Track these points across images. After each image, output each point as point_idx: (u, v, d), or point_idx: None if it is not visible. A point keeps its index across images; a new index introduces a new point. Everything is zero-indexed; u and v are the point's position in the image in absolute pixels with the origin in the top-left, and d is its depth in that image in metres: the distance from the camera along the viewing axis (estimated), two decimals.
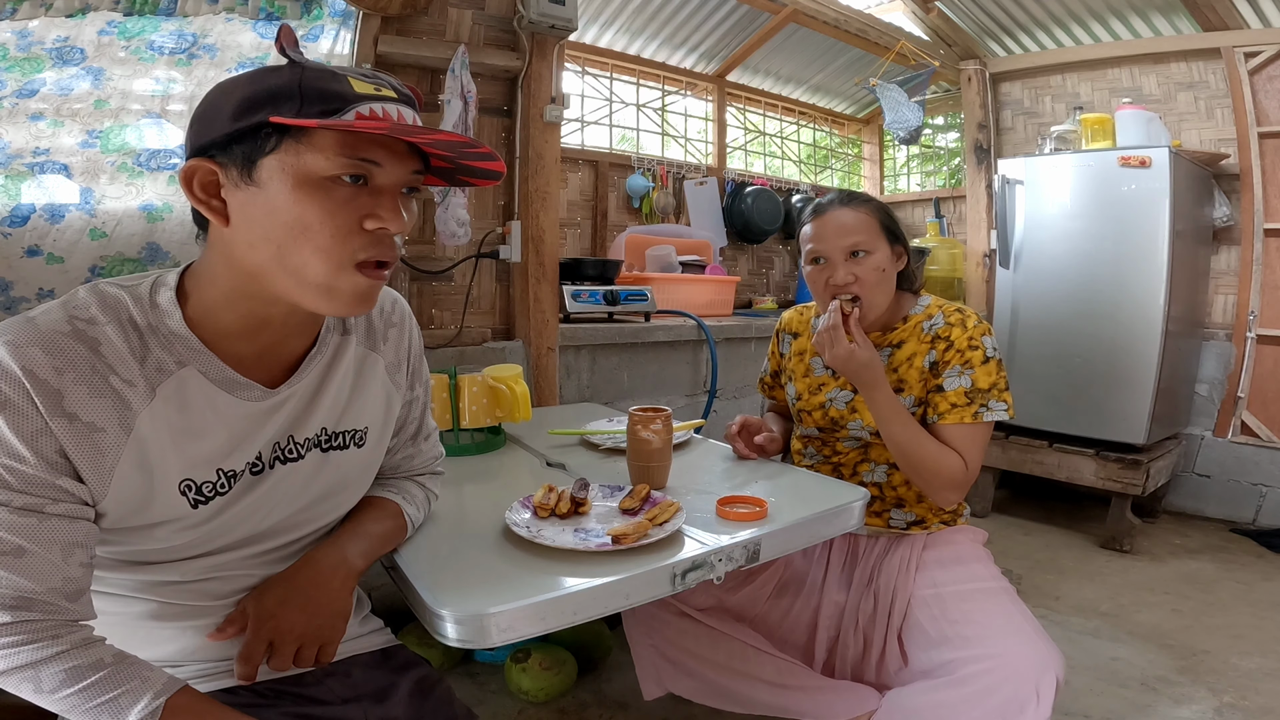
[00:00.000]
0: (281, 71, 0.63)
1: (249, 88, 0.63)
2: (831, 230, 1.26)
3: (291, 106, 0.61)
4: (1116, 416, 2.71)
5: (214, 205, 0.65)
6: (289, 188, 0.62)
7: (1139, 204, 2.63)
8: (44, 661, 0.59)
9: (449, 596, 0.77)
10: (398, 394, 0.89)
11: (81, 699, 0.59)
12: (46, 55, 1.51)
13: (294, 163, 0.62)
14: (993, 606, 1.14)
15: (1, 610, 0.58)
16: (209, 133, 0.63)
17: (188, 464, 0.68)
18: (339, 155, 0.63)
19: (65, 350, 0.61)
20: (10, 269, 1.49)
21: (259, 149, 0.62)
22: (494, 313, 2.19)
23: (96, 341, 0.63)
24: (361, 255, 0.66)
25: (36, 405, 0.59)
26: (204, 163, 0.64)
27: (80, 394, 0.61)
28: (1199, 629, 2.03)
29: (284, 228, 0.63)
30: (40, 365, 0.59)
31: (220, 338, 0.69)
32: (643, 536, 0.90)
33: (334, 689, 0.82)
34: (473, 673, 1.74)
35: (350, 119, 0.62)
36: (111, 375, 0.63)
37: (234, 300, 0.68)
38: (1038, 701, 0.99)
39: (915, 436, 1.20)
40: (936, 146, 4.23)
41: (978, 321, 1.26)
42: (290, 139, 0.62)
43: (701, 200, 3.26)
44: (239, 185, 0.63)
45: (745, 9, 3.07)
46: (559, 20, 1.97)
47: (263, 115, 0.61)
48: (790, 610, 1.33)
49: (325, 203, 0.63)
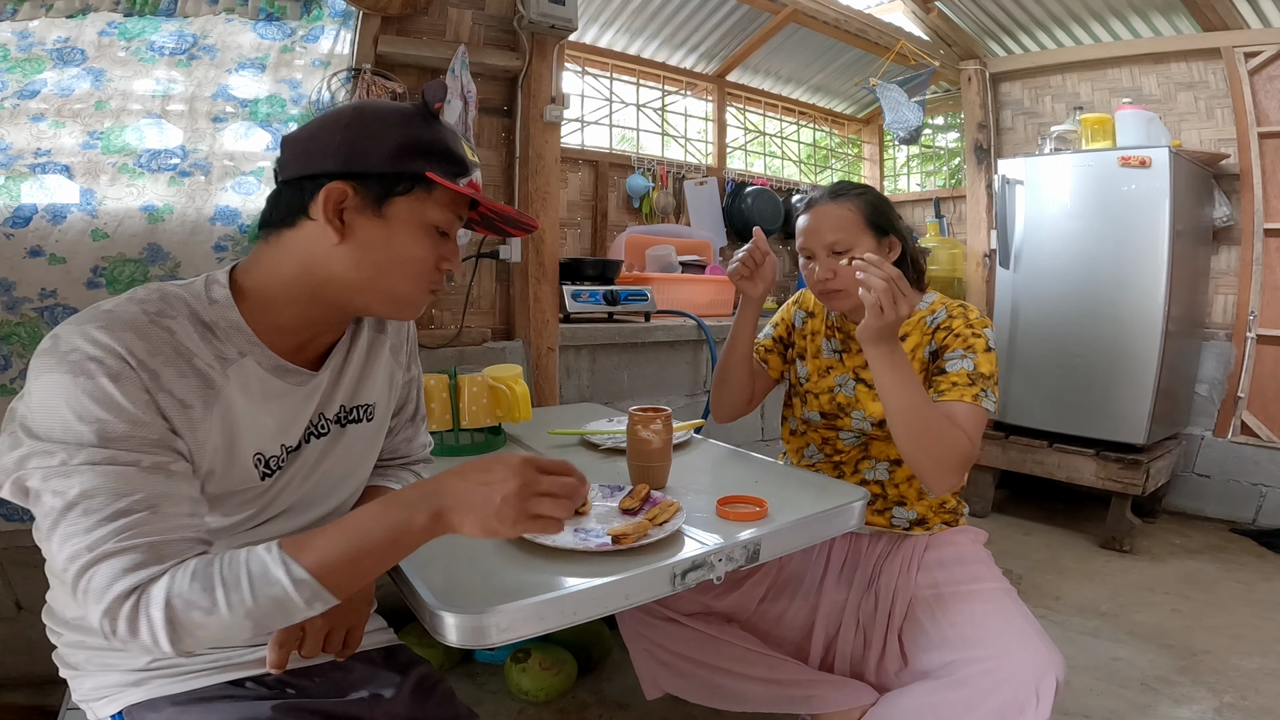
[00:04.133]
0: (430, 125, 0.74)
1: (403, 132, 0.72)
2: (815, 226, 1.27)
3: (439, 164, 0.73)
4: (1116, 416, 2.71)
5: (335, 223, 0.71)
6: (409, 229, 0.73)
7: (1139, 204, 2.63)
8: (205, 586, 0.60)
9: (449, 596, 0.78)
10: (399, 373, 0.94)
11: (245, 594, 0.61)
12: (47, 56, 1.51)
13: (420, 210, 0.73)
14: (993, 608, 1.14)
15: (153, 563, 0.60)
16: (364, 162, 0.71)
17: (258, 440, 0.74)
18: (449, 211, 0.76)
19: (151, 335, 0.65)
20: (13, 269, 1.50)
21: (394, 189, 0.72)
22: (494, 313, 2.19)
23: (172, 330, 0.67)
24: (433, 286, 0.78)
25: (143, 381, 0.63)
26: (344, 185, 0.71)
27: (170, 375, 0.66)
28: (1199, 629, 2.03)
29: (393, 257, 0.73)
30: (137, 347, 0.64)
31: (271, 331, 0.75)
32: (643, 536, 0.90)
33: (339, 684, 0.83)
34: (473, 673, 1.75)
35: (467, 184, 0.75)
36: (194, 358, 0.68)
37: (296, 299, 0.74)
38: (1037, 703, 0.99)
39: (925, 401, 1.10)
40: (936, 146, 4.23)
41: (980, 315, 1.26)
42: (421, 188, 0.73)
43: (701, 200, 3.26)
44: (364, 212, 0.72)
45: (745, 9, 3.07)
46: (559, 20, 1.97)
47: (420, 166, 0.72)
48: (785, 613, 1.33)
49: (428, 245, 0.75)
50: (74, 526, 0.59)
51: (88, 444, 0.60)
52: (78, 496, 0.59)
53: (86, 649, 0.78)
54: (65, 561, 0.60)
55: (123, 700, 0.76)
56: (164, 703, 0.75)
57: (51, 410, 0.60)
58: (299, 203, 0.71)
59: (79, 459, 0.60)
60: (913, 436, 1.11)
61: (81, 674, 0.78)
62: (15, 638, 1.55)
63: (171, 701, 0.75)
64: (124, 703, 0.76)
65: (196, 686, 0.77)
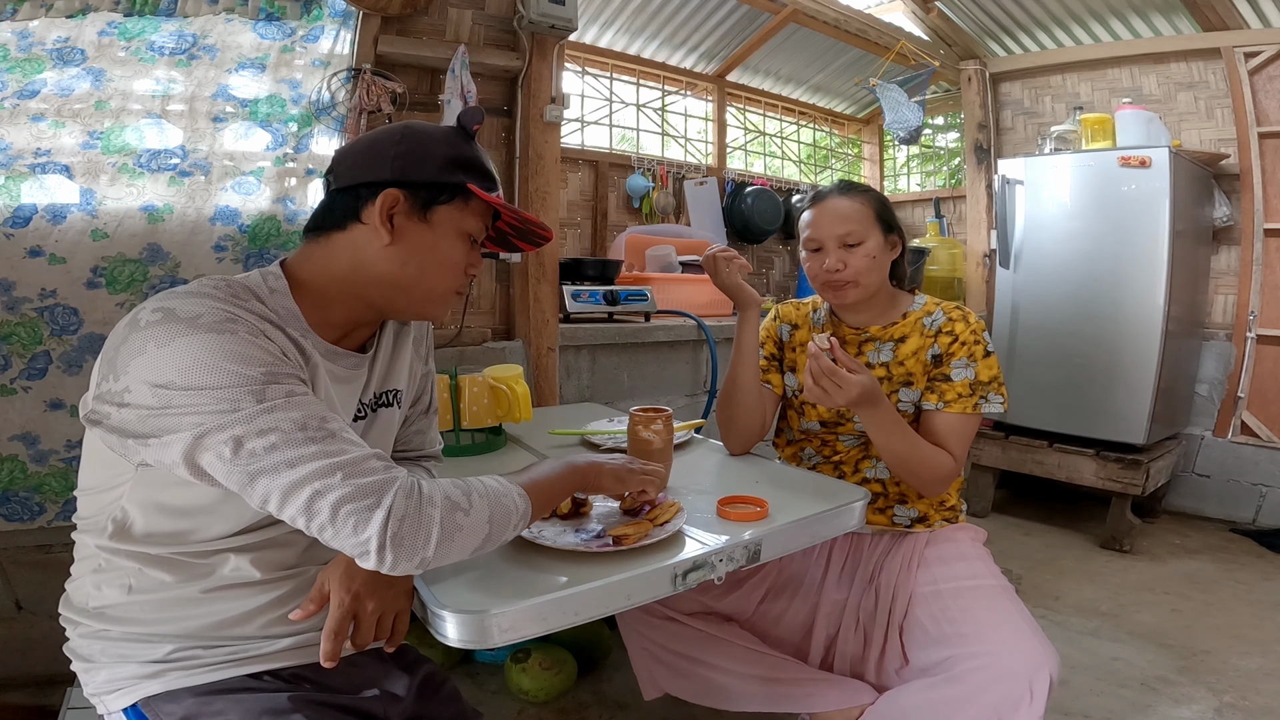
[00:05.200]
0: (470, 144, 0.84)
1: (450, 149, 0.82)
2: (827, 218, 1.27)
3: (478, 178, 0.82)
4: (1116, 416, 2.71)
5: (387, 226, 0.79)
6: (449, 234, 0.82)
7: (1139, 204, 2.63)
8: (463, 491, 0.71)
9: (450, 596, 0.78)
10: (420, 364, 1.01)
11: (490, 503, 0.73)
12: (47, 56, 1.51)
13: (459, 218, 0.82)
14: (989, 604, 1.14)
15: (393, 468, 0.68)
16: (417, 172, 0.80)
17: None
18: (480, 221, 0.85)
19: (236, 312, 0.69)
20: (13, 269, 1.49)
21: (439, 198, 0.81)
22: (494, 313, 2.19)
23: (248, 311, 0.71)
24: (460, 288, 0.87)
25: (270, 337, 0.70)
26: (398, 192, 0.79)
27: (264, 341, 0.70)
28: (1199, 629, 2.03)
29: (434, 259, 0.82)
30: (238, 311, 0.69)
31: (318, 324, 0.81)
32: (644, 537, 0.90)
33: (353, 680, 0.85)
34: (473, 673, 1.75)
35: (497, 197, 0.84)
36: (274, 332, 0.73)
37: (343, 295, 0.82)
38: (1031, 699, 0.99)
39: (912, 443, 1.21)
40: (936, 146, 4.23)
41: (976, 318, 1.29)
42: (461, 198, 0.82)
43: (701, 200, 3.26)
44: (411, 217, 0.80)
45: (745, 9, 3.07)
46: (559, 20, 1.97)
47: (463, 179, 0.81)
48: (785, 613, 1.33)
49: (463, 250, 0.84)
50: (303, 453, 0.64)
51: (269, 381, 0.65)
52: (291, 426, 0.64)
53: (105, 639, 0.78)
54: (315, 480, 0.63)
55: (139, 692, 0.76)
56: (184, 694, 0.76)
57: (210, 365, 0.64)
58: (353, 207, 0.79)
59: (272, 395, 0.65)
60: (903, 467, 1.22)
61: (95, 666, 0.78)
62: (15, 638, 1.55)
63: (192, 693, 0.76)
64: (140, 694, 0.76)
65: (216, 679, 0.77)
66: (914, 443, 1.21)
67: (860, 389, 1.11)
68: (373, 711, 0.82)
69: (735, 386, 1.34)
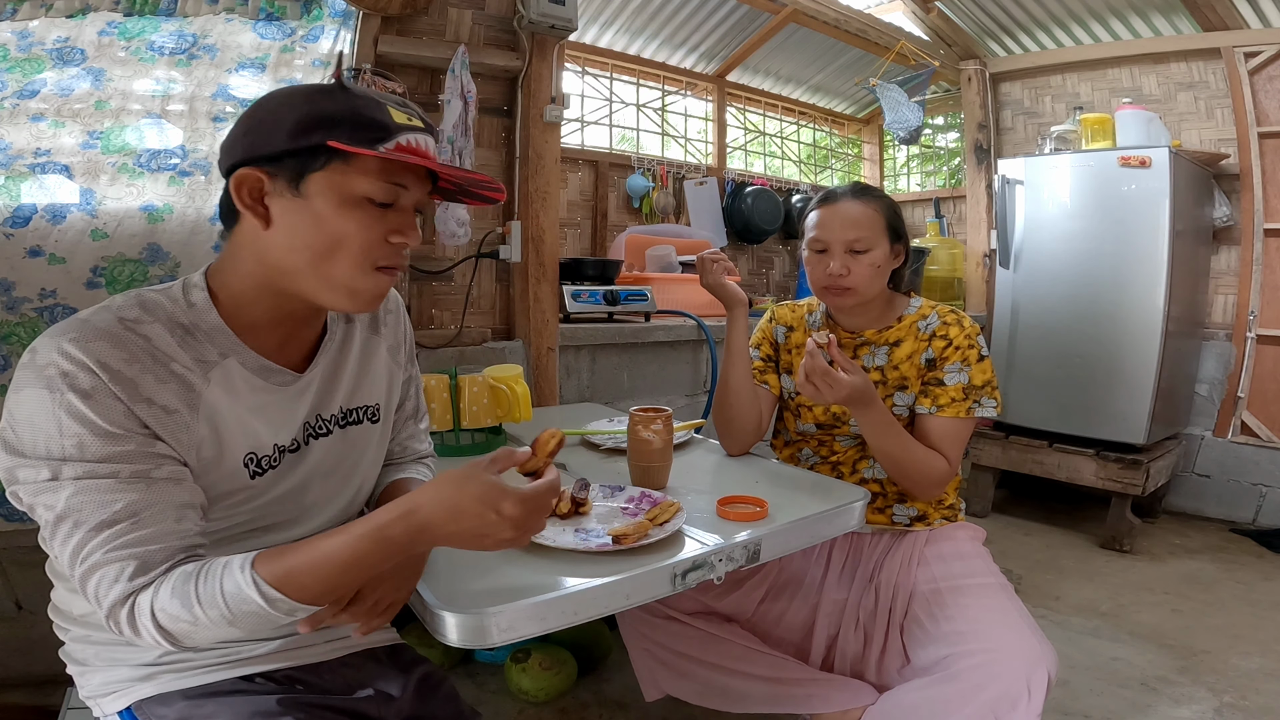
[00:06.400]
0: (335, 96, 0.70)
1: (305, 108, 0.69)
2: (837, 221, 1.26)
3: (344, 132, 0.68)
4: (1116, 416, 2.71)
5: (259, 210, 0.70)
6: (333, 204, 0.69)
7: (1139, 204, 2.63)
8: (183, 602, 0.62)
9: (449, 596, 0.78)
10: (399, 372, 0.95)
11: (213, 606, 0.62)
12: (47, 56, 1.51)
13: (340, 182, 0.69)
14: (987, 602, 1.14)
15: (139, 574, 0.62)
16: (265, 145, 0.69)
17: (249, 440, 0.74)
18: (379, 180, 0.70)
19: (128, 343, 0.65)
20: (12, 270, 1.49)
21: (309, 166, 0.69)
22: (494, 313, 2.19)
23: (148, 337, 0.67)
24: (382, 262, 0.74)
25: (117, 394, 0.63)
26: (254, 171, 0.69)
27: (149, 381, 0.66)
28: (1199, 629, 2.03)
29: (324, 237, 0.70)
30: (111, 357, 0.64)
31: (249, 330, 0.75)
32: (643, 536, 0.90)
33: (347, 681, 0.84)
34: (473, 673, 1.75)
35: (392, 148, 0.69)
36: (172, 363, 0.68)
37: (261, 295, 0.74)
38: (1029, 697, 0.99)
39: (906, 445, 1.21)
40: (936, 146, 4.23)
41: (971, 321, 1.29)
42: (338, 161, 0.69)
43: (701, 200, 3.26)
44: (284, 195, 0.69)
45: (745, 9, 3.07)
46: (559, 20, 1.97)
47: (320, 138, 0.67)
48: (785, 612, 1.33)
49: (362, 219, 0.71)
50: (66, 538, 0.62)
51: (71, 459, 0.62)
52: (64, 510, 0.62)
53: (94, 644, 0.78)
54: (67, 569, 0.63)
55: (132, 695, 0.76)
56: (175, 697, 0.76)
57: (33, 426, 0.62)
58: (228, 199, 0.71)
59: (62, 474, 0.62)
60: (897, 468, 1.23)
61: (89, 669, 0.78)
62: (15, 638, 1.55)
63: (183, 695, 0.76)
64: (133, 698, 0.76)
65: (207, 681, 0.77)
66: (907, 444, 1.21)
67: (850, 389, 1.13)
68: (367, 712, 0.81)
69: (728, 388, 1.35)
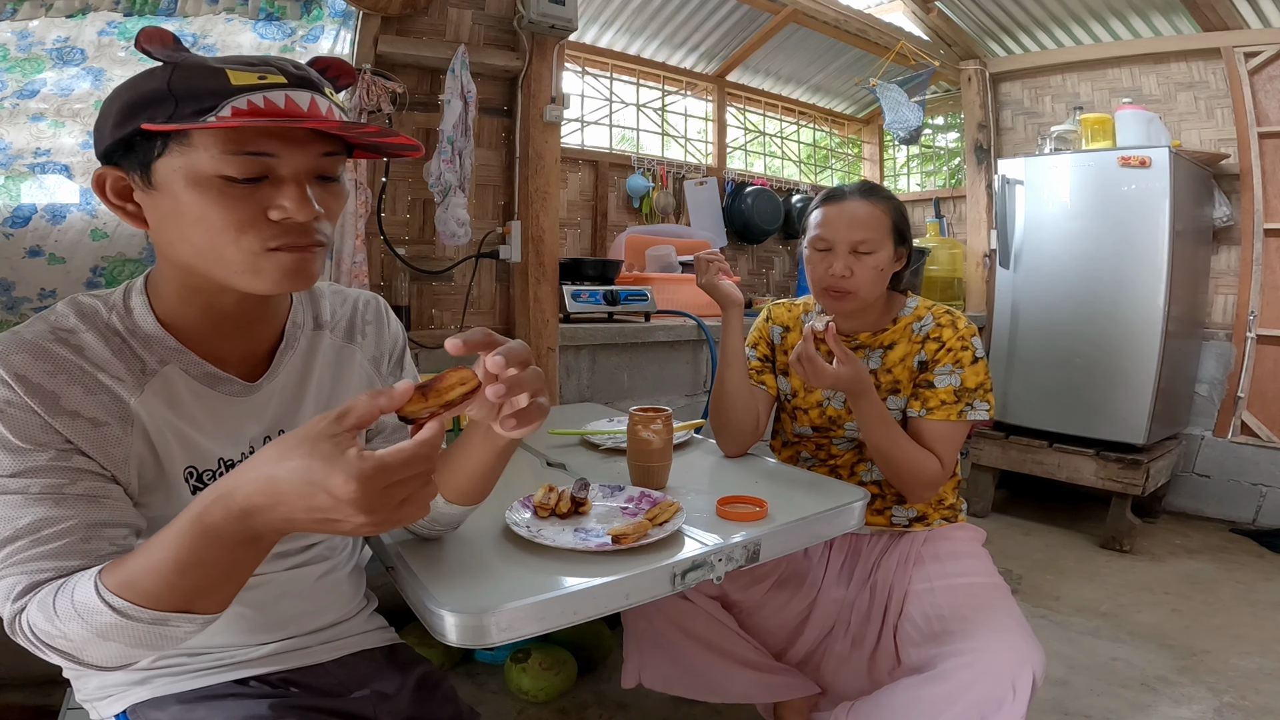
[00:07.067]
0: (155, 74, 0.63)
1: (127, 94, 0.63)
2: (844, 220, 1.24)
3: (165, 110, 0.61)
4: (1116, 416, 2.71)
5: (129, 210, 0.66)
6: (184, 188, 0.62)
7: (1139, 204, 2.63)
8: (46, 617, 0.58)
9: (449, 596, 0.78)
10: (381, 383, 0.89)
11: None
12: (47, 56, 1.51)
13: (184, 164, 0.62)
14: (978, 601, 1.14)
15: (28, 591, 0.59)
16: (101, 141, 0.65)
17: (189, 454, 0.71)
18: (225, 153, 0.61)
19: (53, 355, 0.63)
20: (12, 270, 1.49)
21: (150, 154, 0.62)
22: (494, 313, 2.19)
23: (80, 347, 0.65)
24: (273, 243, 0.65)
25: (33, 408, 0.61)
26: (112, 170, 0.65)
27: (76, 393, 0.64)
28: (1199, 629, 2.03)
29: (192, 225, 0.63)
30: (31, 370, 0.62)
31: (192, 335, 0.71)
32: (643, 536, 0.90)
33: (343, 682, 0.84)
34: (473, 673, 1.75)
35: (226, 114, 0.60)
36: (100, 373, 0.66)
37: (187, 295, 0.70)
38: (1014, 697, 0.99)
39: (897, 440, 1.22)
40: (936, 146, 4.23)
41: (967, 323, 1.28)
42: (175, 142, 0.61)
43: (701, 200, 3.26)
44: (143, 189, 0.65)
45: (745, 9, 3.07)
46: (559, 20, 1.97)
47: (134, 123, 0.61)
48: (786, 605, 1.33)
49: (221, 199, 0.62)
50: None
51: None
52: None
53: None
54: None
55: (127, 699, 0.76)
56: (169, 700, 0.75)
57: None
58: None
59: None
60: (890, 468, 1.24)
61: (86, 673, 0.78)
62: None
63: (177, 699, 0.75)
64: (128, 701, 0.76)
65: (201, 685, 0.77)
66: (896, 440, 1.21)
67: (835, 379, 1.17)
68: (363, 713, 0.81)
69: (724, 389, 1.34)
